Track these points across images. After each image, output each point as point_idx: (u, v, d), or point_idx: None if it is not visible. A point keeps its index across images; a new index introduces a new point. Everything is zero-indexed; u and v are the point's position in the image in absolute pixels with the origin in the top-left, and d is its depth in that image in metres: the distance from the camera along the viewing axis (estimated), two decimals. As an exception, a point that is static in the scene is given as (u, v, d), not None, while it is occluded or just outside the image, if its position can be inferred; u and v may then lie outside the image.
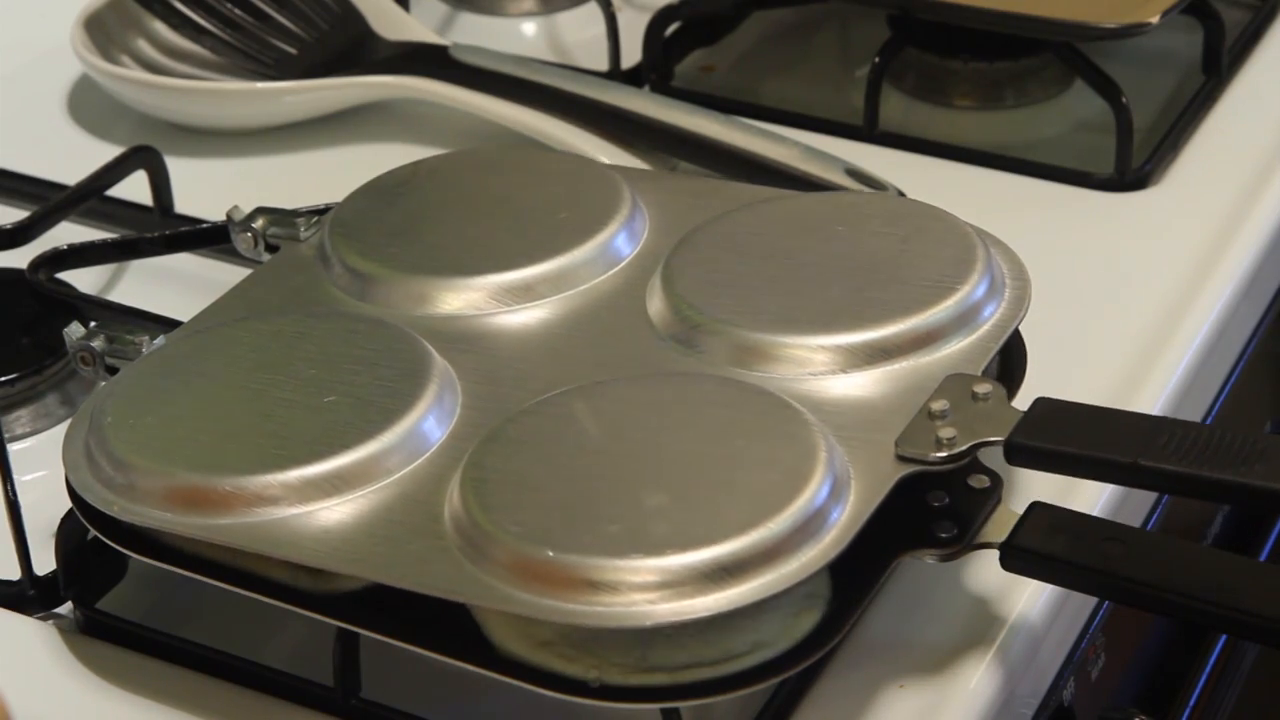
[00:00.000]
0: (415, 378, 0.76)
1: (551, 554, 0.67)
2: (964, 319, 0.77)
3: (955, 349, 0.76)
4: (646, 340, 0.79)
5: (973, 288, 0.78)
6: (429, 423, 0.74)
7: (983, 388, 0.73)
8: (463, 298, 0.82)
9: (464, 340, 0.80)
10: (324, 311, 0.83)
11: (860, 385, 0.75)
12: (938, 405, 0.73)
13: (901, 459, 0.71)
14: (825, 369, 0.76)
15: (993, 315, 0.78)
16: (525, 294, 0.82)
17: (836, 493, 0.69)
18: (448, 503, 0.71)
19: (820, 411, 0.72)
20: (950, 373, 0.75)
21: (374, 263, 0.84)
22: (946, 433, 0.71)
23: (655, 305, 0.80)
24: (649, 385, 0.76)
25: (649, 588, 0.65)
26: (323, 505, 0.72)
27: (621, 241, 0.84)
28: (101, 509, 0.73)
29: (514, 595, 0.67)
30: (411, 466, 0.73)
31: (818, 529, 0.67)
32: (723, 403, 0.74)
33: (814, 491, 0.68)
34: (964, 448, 0.71)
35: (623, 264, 0.84)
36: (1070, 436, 0.72)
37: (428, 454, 0.74)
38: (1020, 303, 0.79)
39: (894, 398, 0.74)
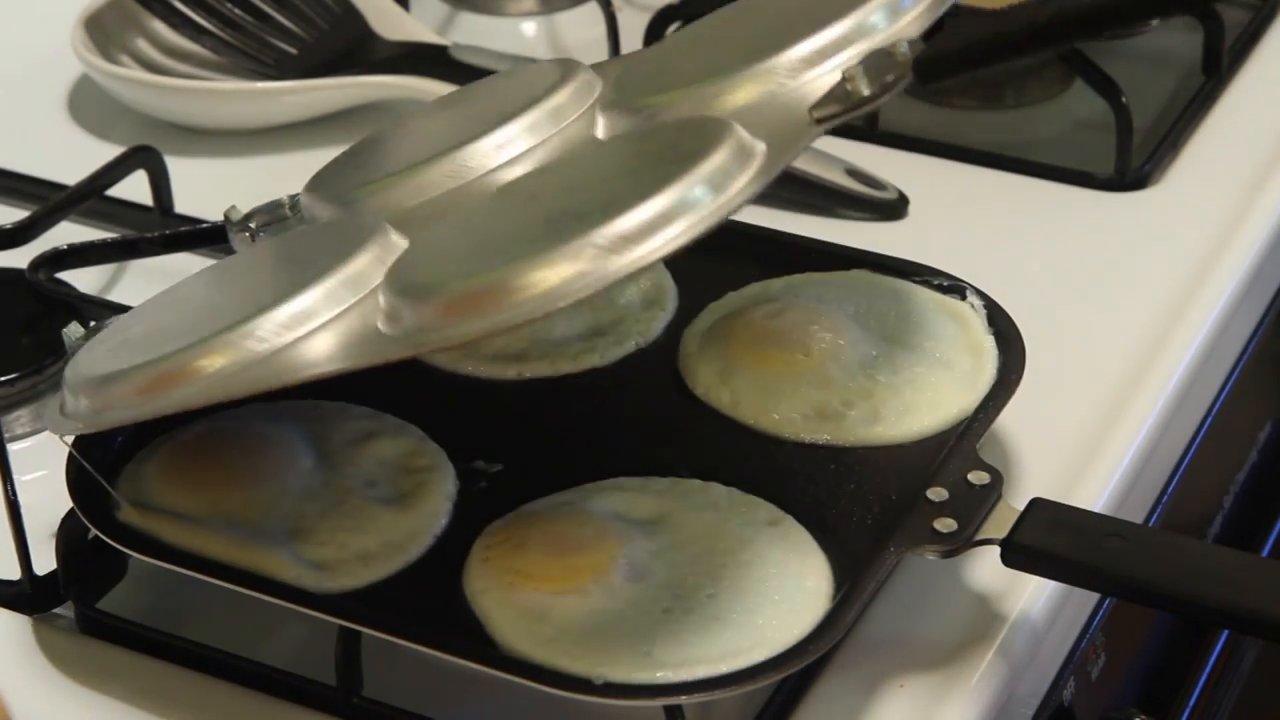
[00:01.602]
0: (354, 237, 0.76)
1: (462, 282, 0.68)
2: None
3: (881, 28, 0.75)
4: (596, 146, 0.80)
5: None
6: (368, 267, 0.74)
7: (891, 36, 0.73)
8: (422, 181, 0.81)
9: (431, 216, 0.79)
10: (289, 234, 0.84)
11: (797, 99, 0.74)
12: (849, 70, 0.72)
13: (817, 121, 0.71)
14: (760, 96, 0.75)
15: None
16: (484, 160, 0.81)
17: (742, 157, 0.69)
18: (377, 309, 0.71)
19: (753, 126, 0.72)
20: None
21: (345, 189, 0.83)
22: (854, 84, 0.71)
23: (603, 118, 0.80)
24: (568, 149, 0.77)
25: (559, 277, 0.65)
26: (269, 350, 0.71)
27: (572, 98, 0.83)
28: (68, 433, 0.75)
29: (443, 332, 0.67)
30: (350, 301, 0.73)
31: (720, 185, 0.68)
32: (636, 134, 0.76)
33: (714, 156, 0.68)
34: (869, 92, 0.71)
35: (577, 116, 0.82)
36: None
37: (367, 290, 0.73)
38: None
39: (820, 89, 0.73)
